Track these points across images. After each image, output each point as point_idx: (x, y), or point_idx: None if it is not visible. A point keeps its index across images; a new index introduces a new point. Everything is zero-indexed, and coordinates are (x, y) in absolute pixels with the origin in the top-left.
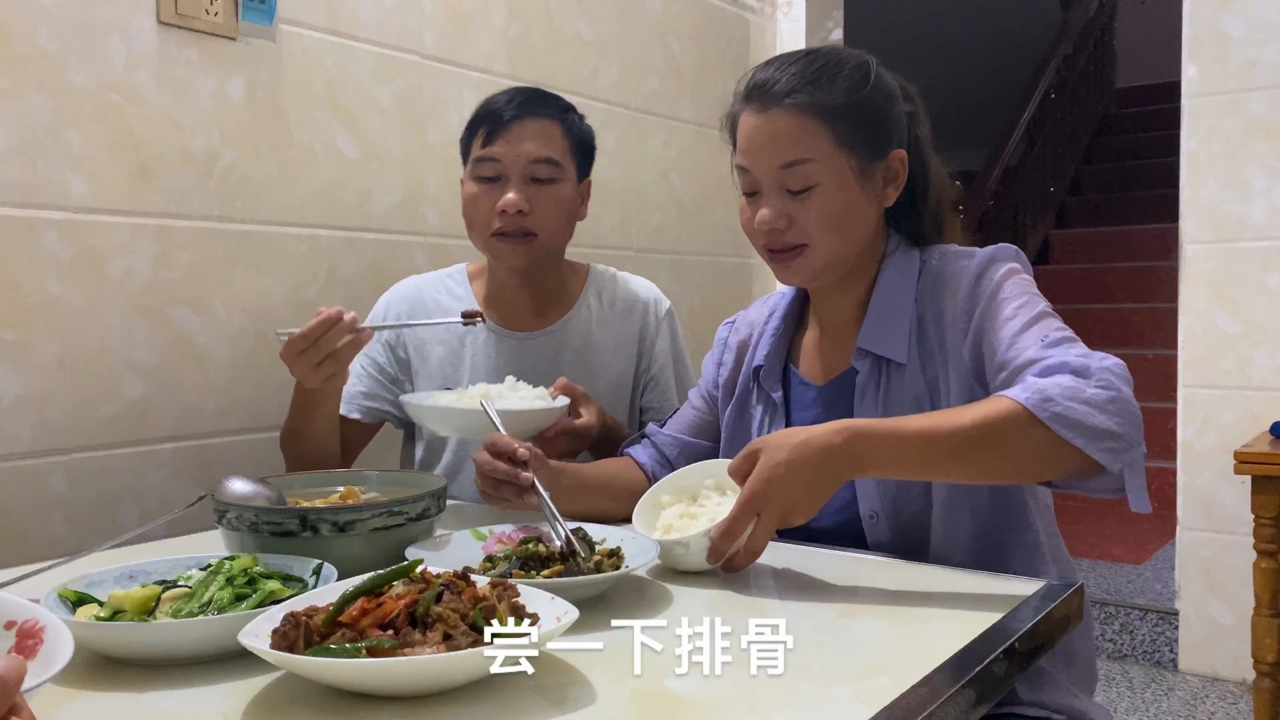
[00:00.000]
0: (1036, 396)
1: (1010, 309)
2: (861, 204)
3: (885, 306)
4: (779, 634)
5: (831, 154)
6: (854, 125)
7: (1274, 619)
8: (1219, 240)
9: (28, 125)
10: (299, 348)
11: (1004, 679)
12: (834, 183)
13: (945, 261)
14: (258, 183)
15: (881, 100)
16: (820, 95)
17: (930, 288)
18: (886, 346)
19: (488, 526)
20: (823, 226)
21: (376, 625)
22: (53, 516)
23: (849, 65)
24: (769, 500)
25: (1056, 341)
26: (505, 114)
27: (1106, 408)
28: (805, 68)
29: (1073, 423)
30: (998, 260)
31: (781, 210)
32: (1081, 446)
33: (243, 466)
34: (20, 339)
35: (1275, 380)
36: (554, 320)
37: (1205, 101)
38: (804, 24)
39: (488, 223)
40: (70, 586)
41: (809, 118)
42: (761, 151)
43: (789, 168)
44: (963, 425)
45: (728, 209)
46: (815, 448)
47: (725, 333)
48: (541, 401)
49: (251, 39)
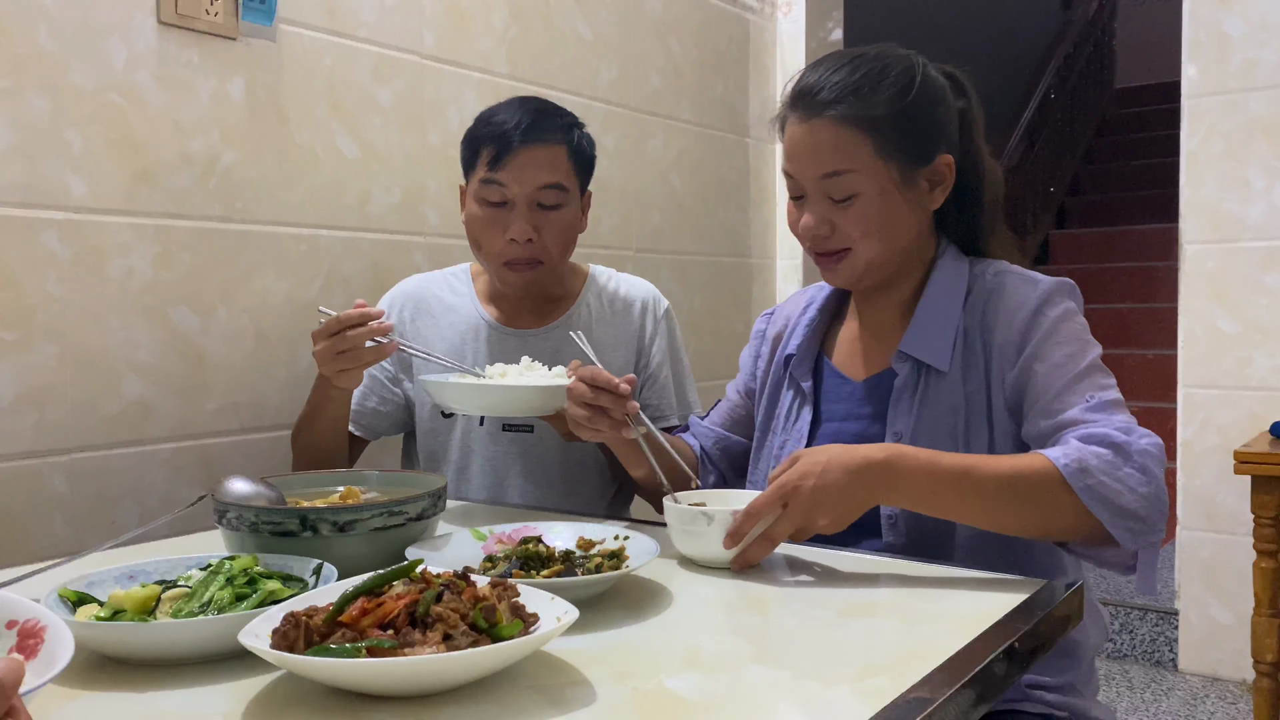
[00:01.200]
0: (1074, 465)
1: (1061, 354)
2: (904, 211)
3: (932, 313)
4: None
5: (873, 164)
6: (897, 134)
7: (1274, 619)
8: (1219, 240)
9: (28, 125)
10: (330, 330)
11: (1004, 679)
12: (875, 192)
13: (1002, 280)
14: (258, 183)
15: (926, 106)
16: (862, 106)
17: (982, 302)
18: (929, 353)
19: (488, 526)
20: (864, 233)
21: (376, 625)
22: (53, 516)
23: (894, 72)
24: (799, 493)
25: (1102, 406)
26: (513, 140)
27: (1137, 489)
28: (849, 75)
29: (1102, 498)
30: (1058, 298)
31: (824, 216)
32: (1105, 522)
33: (243, 466)
34: (20, 339)
35: (1275, 380)
36: (554, 319)
37: (1205, 101)
38: (804, 24)
39: (497, 251)
40: (70, 586)
41: (850, 129)
42: (804, 160)
43: (830, 178)
44: (999, 473)
45: (728, 209)
46: (856, 456)
47: (763, 325)
48: (562, 379)
49: (251, 39)
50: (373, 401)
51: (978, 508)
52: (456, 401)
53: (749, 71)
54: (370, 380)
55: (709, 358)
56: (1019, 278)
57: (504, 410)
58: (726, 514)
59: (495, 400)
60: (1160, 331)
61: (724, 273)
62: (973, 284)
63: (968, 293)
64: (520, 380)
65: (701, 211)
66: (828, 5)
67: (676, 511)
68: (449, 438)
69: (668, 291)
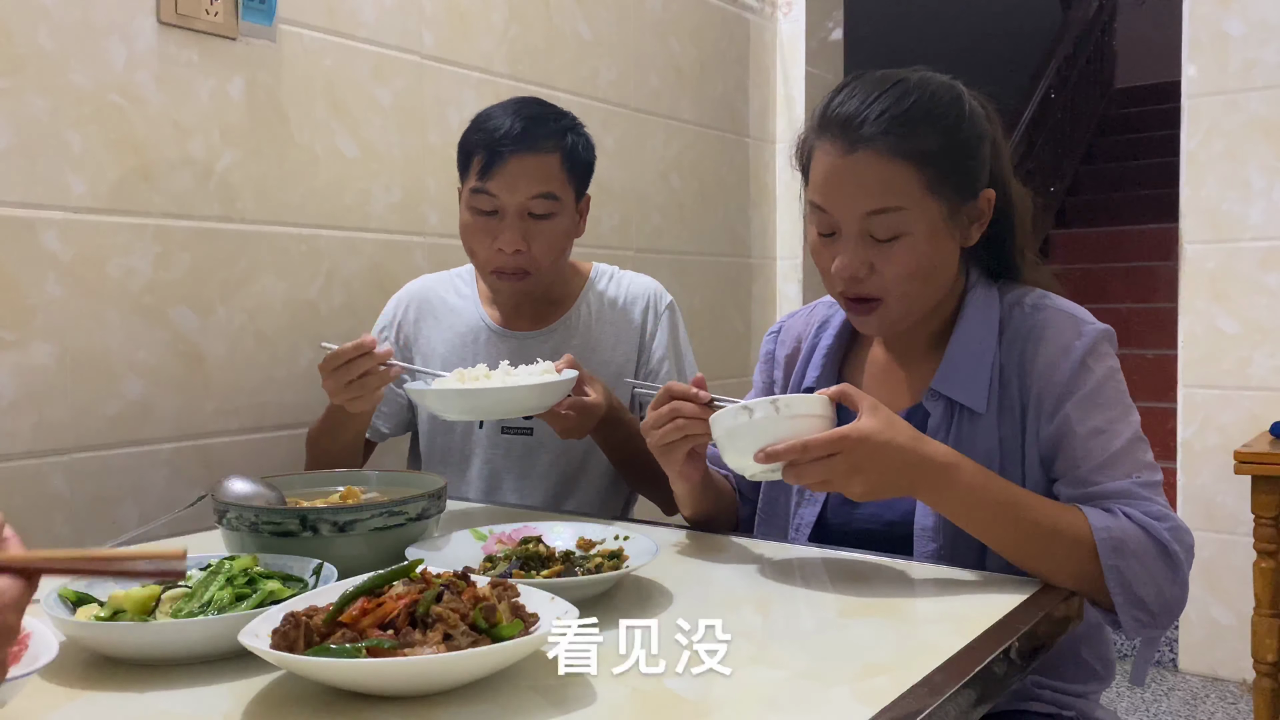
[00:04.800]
0: (1112, 542)
1: (1101, 419)
2: (948, 250)
3: (966, 349)
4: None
5: (923, 201)
6: (948, 169)
7: (1274, 619)
8: (1219, 240)
9: (28, 125)
10: (332, 365)
11: (1004, 679)
12: (924, 231)
13: (1040, 317)
14: (258, 183)
15: (975, 139)
16: (915, 140)
17: (1020, 340)
18: (964, 393)
19: (488, 526)
20: (907, 276)
21: (376, 625)
22: (53, 516)
23: (943, 101)
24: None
25: (1150, 485)
26: (503, 149)
27: (1160, 582)
28: (896, 104)
29: (1125, 582)
30: (1103, 351)
31: (864, 259)
32: (1117, 605)
33: (243, 466)
34: (20, 339)
35: (1275, 380)
36: (554, 319)
37: (1205, 101)
38: (804, 24)
39: (486, 259)
40: (70, 586)
41: (902, 163)
42: (847, 196)
43: (876, 215)
44: (1039, 519)
45: (728, 209)
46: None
47: (771, 345)
48: (551, 375)
49: (251, 39)
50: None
51: (1007, 539)
52: (441, 408)
53: (749, 71)
54: None
55: (709, 358)
56: (1061, 315)
57: (488, 413)
58: (769, 404)
59: (476, 404)
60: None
61: (724, 272)
62: (1006, 316)
63: (1002, 326)
64: (505, 381)
65: (701, 211)
66: (828, 5)
67: (719, 415)
68: (450, 440)
69: (668, 291)
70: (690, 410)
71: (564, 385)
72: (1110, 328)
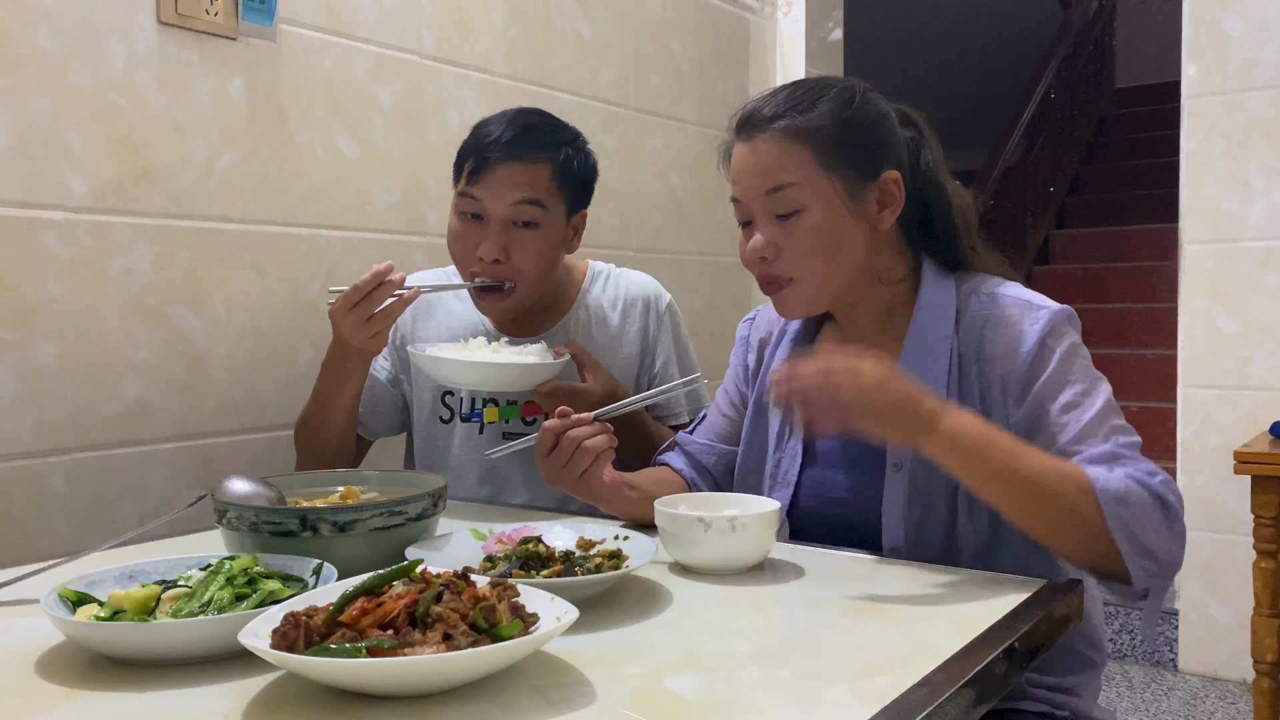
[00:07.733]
0: (1114, 493)
1: (1072, 394)
2: (851, 228)
3: (923, 342)
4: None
5: (817, 176)
6: (840, 146)
7: (1274, 619)
8: (1218, 240)
9: (28, 125)
10: (352, 300)
11: (1004, 679)
12: (821, 206)
13: (995, 306)
14: (258, 183)
15: (869, 120)
16: (803, 118)
17: (976, 329)
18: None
19: (488, 526)
20: (810, 251)
21: (376, 625)
22: (53, 516)
23: (834, 89)
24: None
25: (1128, 445)
26: (491, 155)
27: (1163, 533)
28: (790, 94)
29: (1130, 531)
30: (1062, 330)
31: (770, 238)
32: (1125, 555)
33: (243, 466)
34: (20, 339)
35: (1275, 380)
36: (552, 324)
37: (1205, 101)
38: (804, 24)
39: (466, 264)
40: (70, 586)
41: (792, 141)
42: (749, 179)
43: (775, 192)
44: (1041, 467)
45: (727, 209)
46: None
47: (746, 330)
48: (535, 357)
49: (251, 39)
50: (368, 405)
51: (1001, 487)
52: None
53: (749, 71)
54: (370, 381)
55: (709, 358)
56: (1014, 301)
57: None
58: (724, 520)
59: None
60: (1160, 331)
61: (724, 273)
62: (963, 304)
63: (959, 315)
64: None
65: (701, 211)
66: (828, 5)
67: (670, 517)
68: (447, 444)
69: (667, 290)
70: (585, 431)
71: (546, 368)
72: (1069, 308)
